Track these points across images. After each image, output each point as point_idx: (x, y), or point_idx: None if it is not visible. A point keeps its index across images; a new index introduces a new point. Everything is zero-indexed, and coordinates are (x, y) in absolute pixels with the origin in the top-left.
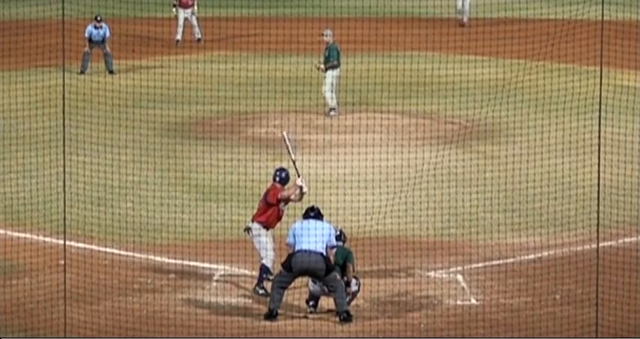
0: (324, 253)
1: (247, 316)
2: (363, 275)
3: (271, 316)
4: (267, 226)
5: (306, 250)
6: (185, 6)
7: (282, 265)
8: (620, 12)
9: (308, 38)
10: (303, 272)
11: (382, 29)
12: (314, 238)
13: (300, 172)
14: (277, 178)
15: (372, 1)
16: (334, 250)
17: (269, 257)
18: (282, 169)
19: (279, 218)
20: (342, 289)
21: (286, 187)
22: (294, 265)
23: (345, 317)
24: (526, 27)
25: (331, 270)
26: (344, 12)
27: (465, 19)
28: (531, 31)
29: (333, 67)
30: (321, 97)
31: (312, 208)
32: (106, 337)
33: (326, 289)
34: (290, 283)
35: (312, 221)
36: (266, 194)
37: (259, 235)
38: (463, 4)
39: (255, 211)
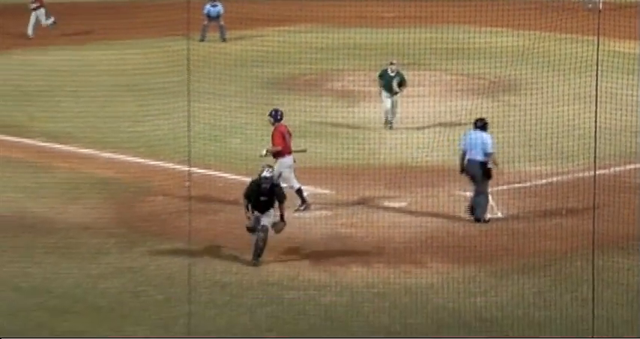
0: (483, 160)
1: (329, 224)
2: (416, 195)
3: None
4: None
5: (470, 160)
6: None
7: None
8: None
9: (372, 14)
10: (469, 176)
11: (428, 7)
12: (475, 149)
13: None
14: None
15: None
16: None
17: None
18: (275, 110)
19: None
20: (486, 196)
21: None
22: (466, 170)
23: (479, 218)
24: (540, 6)
25: (489, 177)
26: None
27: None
28: (544, 9)
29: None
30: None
31: (480, 119)
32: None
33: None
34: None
35: (477, 132)
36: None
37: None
38: None
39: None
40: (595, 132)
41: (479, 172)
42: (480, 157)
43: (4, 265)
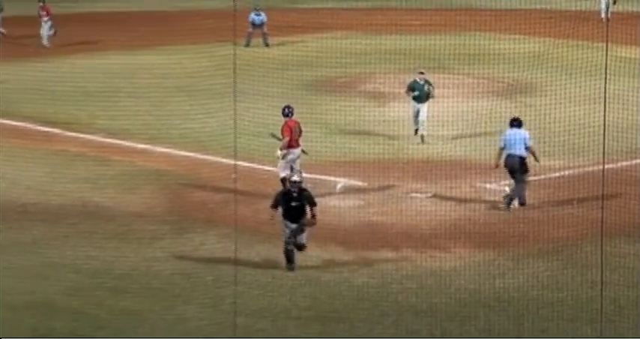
0: (523, 155)
1: (361, 212)
2: (441, 187)
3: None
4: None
5: (511, 155)
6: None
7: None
8: (627, 6)
9: (401, 22)
10: (511, 170)
11: (452, 16)
12: (516, 144)
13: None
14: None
15: None
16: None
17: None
18: (286, 107)
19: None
20: (524, 186)
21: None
22: (506, 164)
23: (523, 203)
24: (553, 16)
25: (527, 170)
26: (425, 4)
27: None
28: (558, 19)
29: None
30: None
31: (515, 119)
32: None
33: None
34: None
35: (514, 130)
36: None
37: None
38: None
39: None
40: (603, 130)
41: (519, 166)
42: (520, 153)
43: (68, 249)
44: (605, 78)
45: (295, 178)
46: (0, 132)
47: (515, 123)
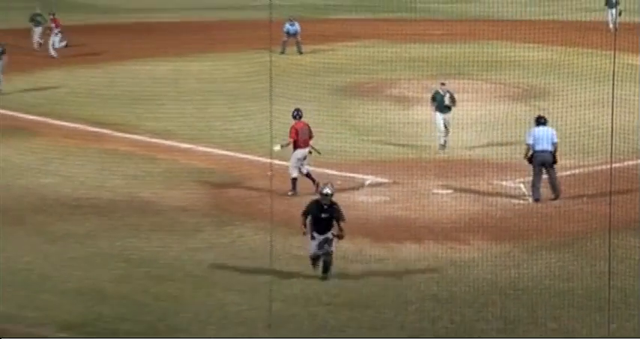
0: (551, 150)
1: (387, 208)
2: (460, 184)
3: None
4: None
5: (542, 150)
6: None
7: (529, 160)
8: (633, 17)
9: (424, 32)
10: (541, 165)
11: (471, 26)
12: (544, 141)
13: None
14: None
15: (464, 7)
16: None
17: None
18: (296, 109)
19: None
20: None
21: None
22: (537, 160)
23: (558, 195)
24: (565, 26)
25: (556, 162)
26: (446, 15)
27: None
28: (569, 28)
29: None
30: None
31: (542, 117)
32: (295, 221)
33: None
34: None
35: (542, 127)
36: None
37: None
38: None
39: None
40: (611, 132)
41: (550, 160)
42: (549, 148)
43: (117, 240)
44: (613, 84)
45: (327, 190)
46: (55, 132)
47: (542, 120)
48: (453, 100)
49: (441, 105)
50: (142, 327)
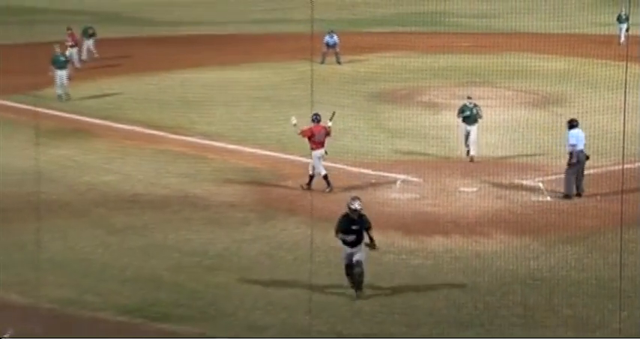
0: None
1: (417, 204)
2: (484, 183)
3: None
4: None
5: (581, 150)
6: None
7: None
8: None
9: (452, 44)
10: (578, 163)
11: (495, 38)
12: (580, 141)
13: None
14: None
15: (489, 22)
16: None
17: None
18: (315, 114)
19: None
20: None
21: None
22: (578, 159)
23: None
24: (580, 39)
25: (588, 158)
26: (472, 29)
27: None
28: (584, 41)
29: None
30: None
31: (574, 120)
32: (333, 216)
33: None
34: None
35: (576, 129)
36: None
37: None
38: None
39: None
40: (623, 135)
41: (584, 159)
42: (583, 148)
43: (171, 233)
44: (625, 91)
45: (356, 206)
46: (115, 134)
47: (575, 123)
48: (479, 112)
49: (468, 118)
50: (194, 312)
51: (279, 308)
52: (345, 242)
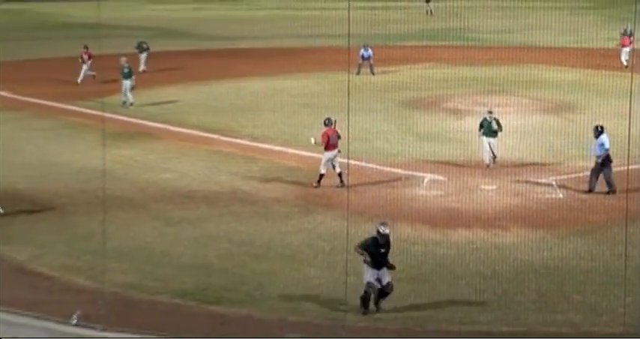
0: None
1: (442, 200)
2: (503, 181)
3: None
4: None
5: (610, 154)
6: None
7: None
8: None
9: (473, 56)
10: (609, 163)
11: (512, 51)
12: (608, 144)
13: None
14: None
15: (507, 37)
16: None
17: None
18: (327, 118)
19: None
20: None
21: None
22: (610, 160)
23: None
24: (589, 52)
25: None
26: (492, 43)
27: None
28: (593, 55)
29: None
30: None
31: (600, 126)
32: (367, 210)
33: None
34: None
35: (604, 134)
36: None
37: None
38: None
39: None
40: (628, 139)
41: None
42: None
43: (222, 225)
44: (630, 99)
45: (387, 231)
46: (173, 137)
47: (601, 129)
48: (499, 125)
49: (488, 130)
50: (242, 295)
51: (317, 292)
52: (368, 263)
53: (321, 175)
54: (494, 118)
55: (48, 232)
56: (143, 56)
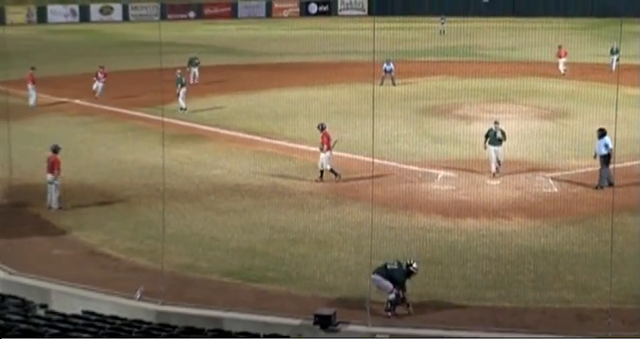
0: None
1: (453, 194)
2: (506, 177)
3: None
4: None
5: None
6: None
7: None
8: (632, 60)
9: (481, 70)
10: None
11: (515, 66)
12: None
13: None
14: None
15: (510, 53)
16: None
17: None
18: (321, 124)
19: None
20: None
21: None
22: (610, 159)
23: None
24: (581, 66)
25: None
26: (497, 59)
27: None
28: (584, 69)
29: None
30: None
31: (602, 129)
32: (390, 202)
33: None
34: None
35: (607, 137)
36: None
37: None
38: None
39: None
40: (614, 141)
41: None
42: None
43: (264, 214)
44: (616, 107)
45: (418, 268)
46: (222, 138)
47: (604, 131)
48: (504, 135)
49: (494, 139)
50: (281, 275)
51: (346, 273)
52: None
53: (322, 172)
54: (500, 129)
55: (115, 219)
56: (195, 70)
